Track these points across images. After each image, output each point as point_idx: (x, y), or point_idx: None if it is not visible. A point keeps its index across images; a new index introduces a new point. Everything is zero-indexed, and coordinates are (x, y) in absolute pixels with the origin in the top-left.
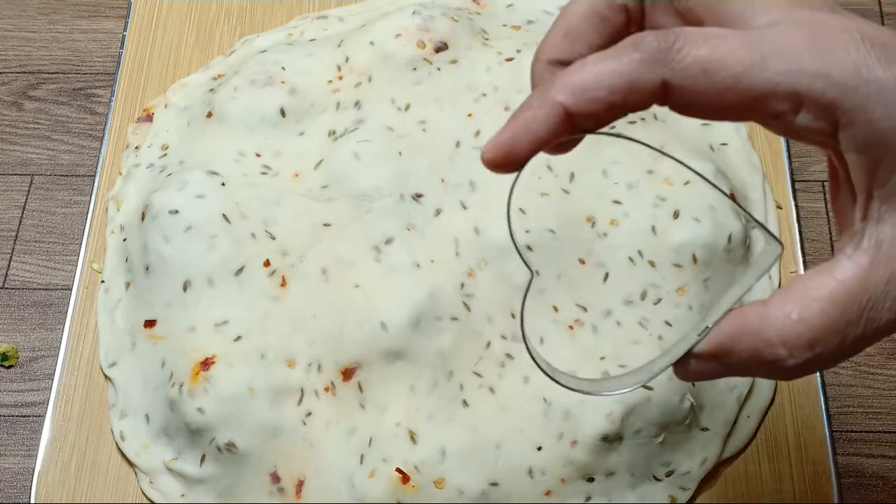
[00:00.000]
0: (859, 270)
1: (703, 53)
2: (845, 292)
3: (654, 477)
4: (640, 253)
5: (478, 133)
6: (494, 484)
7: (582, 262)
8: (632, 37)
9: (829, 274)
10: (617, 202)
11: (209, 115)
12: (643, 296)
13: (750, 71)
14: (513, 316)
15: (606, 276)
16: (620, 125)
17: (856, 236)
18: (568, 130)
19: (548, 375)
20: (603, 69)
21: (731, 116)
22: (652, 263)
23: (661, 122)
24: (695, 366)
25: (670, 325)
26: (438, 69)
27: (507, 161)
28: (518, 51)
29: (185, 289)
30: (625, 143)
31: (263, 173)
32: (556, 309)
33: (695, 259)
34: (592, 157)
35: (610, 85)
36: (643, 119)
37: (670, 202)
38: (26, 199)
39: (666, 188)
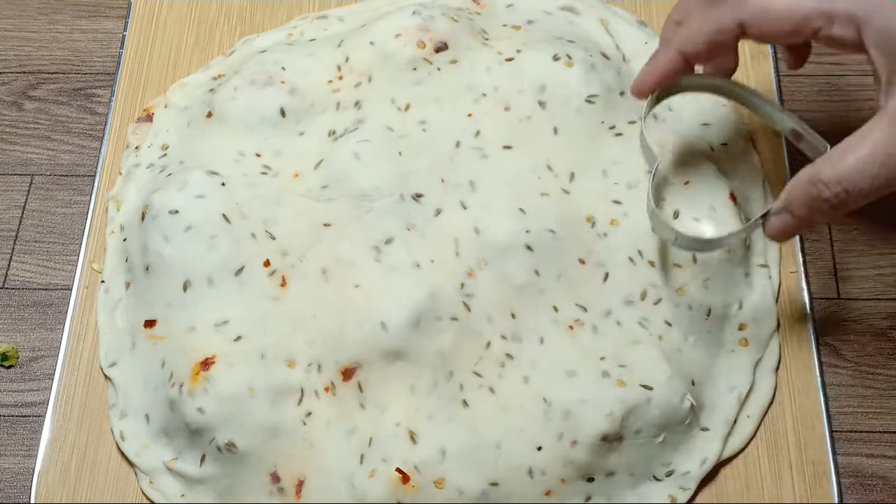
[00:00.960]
0: (883, 132)
1: None
2: (875, 143)
3: (654, 477)
4: (640, 253)
5: (478, 133)
6: (494, 484)
7: (582, 262)
8: None
9: (860, 137)
10: (617, 202)
11: (209, 115)
12: (643, 296)
13: (795, 3)
14: (513, 316)
15: (606, 275)
16: (619, 126)
17: (881, 111)
18: (685, 67)
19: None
20: (700, 21)
21: (788, 38)
22: (652, 263)
23: (661, 122)
24: (774, 221)
25: (670, 325)
26: (438, 69)
27: (643, 91)
28: (518, 51)
29: (185, 289)
30: (629, 141)
31: (263, 173)
32: (556, 309)
33: (695, 259)
34: (592, 157)
35: (707, 31)
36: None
37: (670, 202)
38: (26, 199)
39: (666, 187)
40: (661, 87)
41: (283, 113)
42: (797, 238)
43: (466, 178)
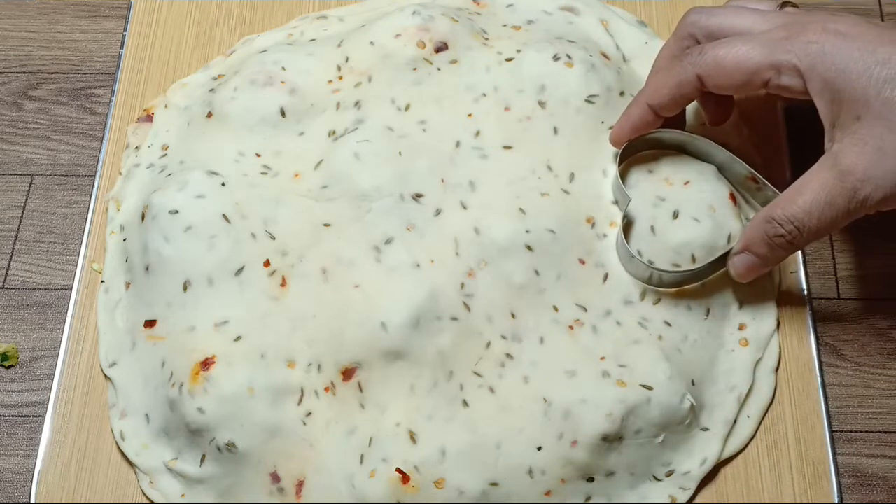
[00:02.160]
0: (827, 175)
1: (718, 52)
2: (820, 185)
3: (654, 477)
4: (639, 252)
5: (478, 133)
6: (494, 484)
7: (582, 262)
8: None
9: (808, 178)
10: (616, 203)
11: (209, 115)
12: (643, 295)
13: (745, 57)
14: (513, 316)
15: (606, 276)
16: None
17: (826, 154)
18: (655, 119)
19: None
20: (664, 75)
21: (743, 89)
22: (651, 263)
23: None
24: (737, 262)
25: (669, 325)
26: (438, 69)
27: (618, 141)
28: (518, 51)
29: (185, 289)
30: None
31: (263, 173)
32: (556, 309)
33: (693, 259)
34: (593, 157)
35: (670, 84)
36: None
37: (669, 202)
38: (26, 199)
39: (666, 188)
40: (634, 137)
41: (283, 113)
42: None
43: (466, 178)
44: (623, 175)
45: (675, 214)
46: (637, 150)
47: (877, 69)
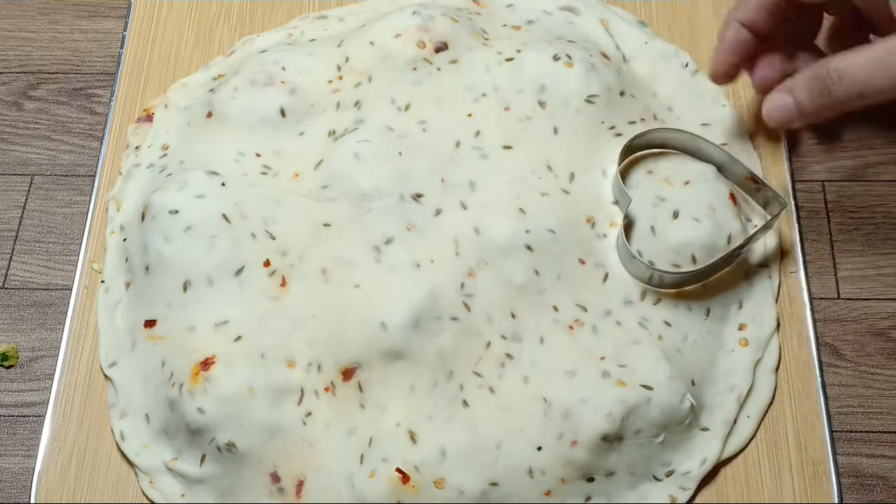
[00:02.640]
0: (890, 42)
1: None
2: (880, 47)
3: (654, 477)
4: (639, 253)
5: (478, 133)
6: (494, 484)
7: (582, 262)
8: None
9: (873, 45)
10: (616, 203)
11: (209, 115)
12: (642, 296)
13: None
14: (513, 316)
15: (606, 276)
16: (619, 127)
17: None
18: (751, 40)
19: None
20: None
21: None
22: (651, 263)
23: (660, 122)
24: (774, 97)
25: (669, 325)
26: (438, 69)
27: (719, 72)
28: (518, 51)
29: (185, 289)
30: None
31: (263, 173)
32: (556, 309)
33: (693, 259)
34: (592, 158)
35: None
36: (643, 119)
37: (670, 202)
38: (26, 199)
39: (666, 188)
40: (733, 68)
41: (283, 113)
42: (797, 237)
43: (466, 178)
44: (623, 175)
45: (676, 215)
46: (637, 151)
47: None
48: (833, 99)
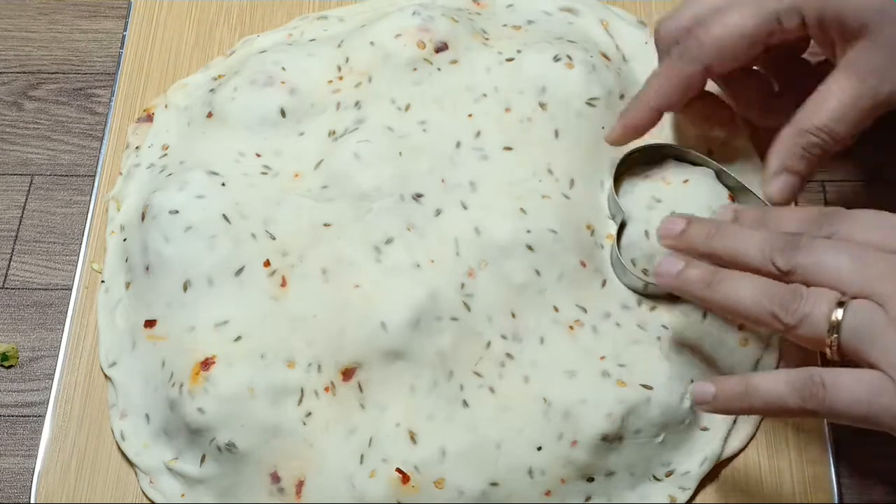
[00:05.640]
0: (845, 81)
1: (713, 34)
2: (843, 91)
3: (654, 477)
4: (632, 262)
5: (478, 133)
6: (494, 484)
7: (583, 264)
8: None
9: (828, 87)
10: (612, 218)
11: (209, 115)
12: (639, 303)
13: (741, 23)
14: (513, 316)
15: (604, 282)
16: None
17: (840, 65)
18: (658, 119)
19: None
20: (667, 76)
21: (748, 57)
22: (645, 272)
23: (659, 125)
24: (775, 184)
25: (667, 328)
26: (438, 69)
27: (618, 142)
28: (518, 51)
29: (185, 289)
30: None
31: (263, 173)
32: (556, 309)
33: None
34: (592, 166)
35: (675, 85)
36: None
37: (666, 203)
38: (26, 199)
39: (663, 188)
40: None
41: (283, 113)
42: None
43: (467, 179)
44: (621, 177)
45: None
46: (634, 164)
47: None
48: (828, 156)
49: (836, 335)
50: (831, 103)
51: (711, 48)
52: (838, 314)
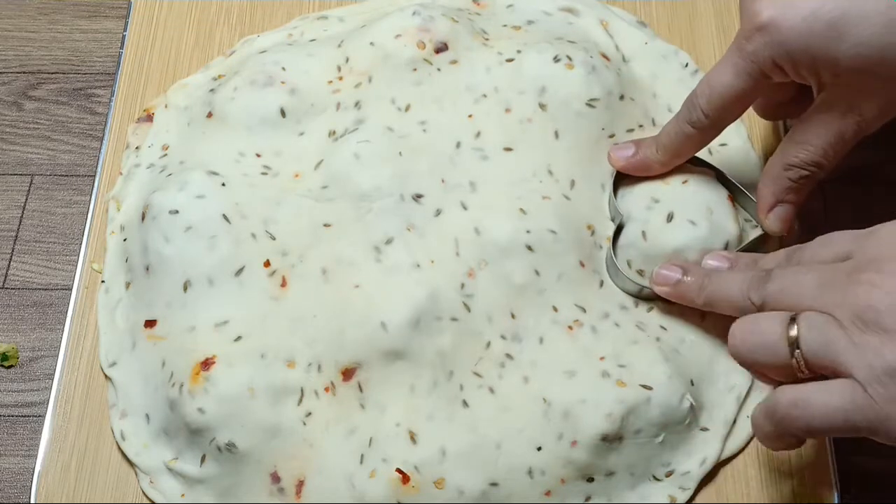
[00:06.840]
0: (825, 115)
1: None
2: (826, 126)
3: (654, 477)
4: (628, 263)
5: (478, 134)
6: (494, 484)
7: (582, 264)
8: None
9: (810, 121)
10: (613, 220)
11: (209, 115)
12: (636, 304)
13: (729, 80)
14: (513, 316)
15: (602, 283)
16: (619, 135)
17: (818, 100)
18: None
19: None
20: (669, 132)
21: (740, 109)
22: (641, 272)
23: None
24: (772, 216)
25: (665, 328)
26: (438, 70)
27: (617, 169)
28: (518, 51)
29: (185, 289)
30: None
31: (263, 173)
32: (555, 309)
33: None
34: (592, 167)
35: (676, 142)
36: (641, 126)
37: (664, 203)
38: (26, 199)
39: (662, 187)
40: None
41: (283, 113)
42: (796, 237)
43: (467, 179)
44: (620, 180)
45: (670, 217)
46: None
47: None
48: (815, 183)
49: (798, 350)
50: (817, 140)
51: (703, 111)
52: (793, 330)
